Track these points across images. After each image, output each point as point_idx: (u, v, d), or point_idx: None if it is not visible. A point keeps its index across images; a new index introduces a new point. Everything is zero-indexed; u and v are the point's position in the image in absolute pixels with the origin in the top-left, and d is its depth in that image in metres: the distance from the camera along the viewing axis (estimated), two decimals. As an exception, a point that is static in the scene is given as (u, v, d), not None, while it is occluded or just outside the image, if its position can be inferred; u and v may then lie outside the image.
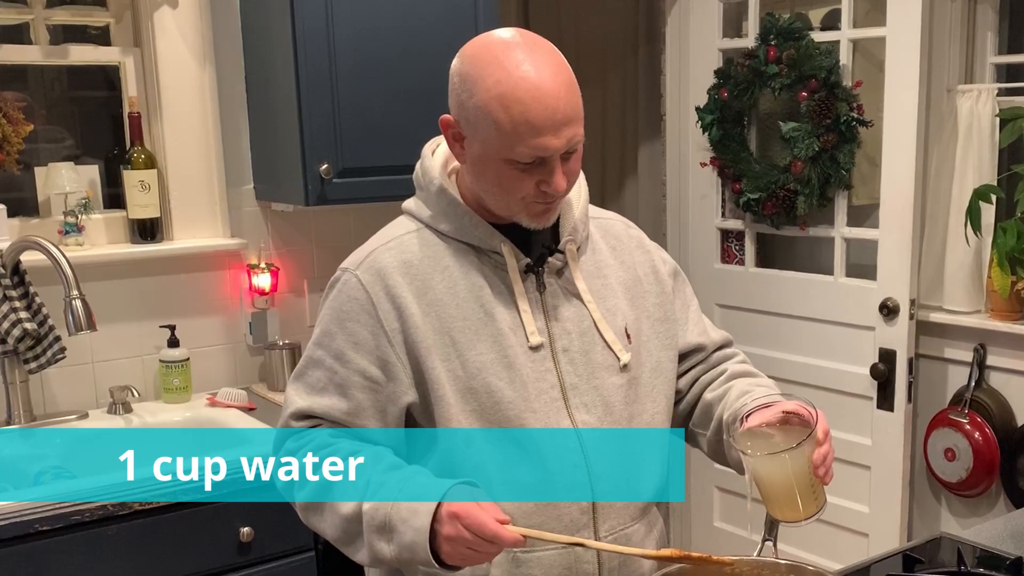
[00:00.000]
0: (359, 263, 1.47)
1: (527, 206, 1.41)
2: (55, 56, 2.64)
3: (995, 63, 2.97)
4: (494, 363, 1.42)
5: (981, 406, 2.93)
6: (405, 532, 1.32)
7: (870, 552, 2.91)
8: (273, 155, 2.73)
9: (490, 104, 1.34)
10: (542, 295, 1.48)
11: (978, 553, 1.71)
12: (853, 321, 3.07)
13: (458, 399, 1.42)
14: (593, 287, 1.52)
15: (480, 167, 1.41)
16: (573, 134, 1.36)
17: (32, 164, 2.63)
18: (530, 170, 1.37)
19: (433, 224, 1.48)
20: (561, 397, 1.46)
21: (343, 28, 2.51)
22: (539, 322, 1.46)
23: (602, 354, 1.49)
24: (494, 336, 1.43)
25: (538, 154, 1.35)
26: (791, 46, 3.05)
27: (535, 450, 1.43)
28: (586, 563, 1.46)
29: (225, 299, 2.83)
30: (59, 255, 2.31)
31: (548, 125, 1.33)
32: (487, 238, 1.46)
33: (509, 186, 1.39)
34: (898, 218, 2.89)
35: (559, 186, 1.37)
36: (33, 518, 1.96)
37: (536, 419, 1.43)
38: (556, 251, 1.49)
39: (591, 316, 1.49)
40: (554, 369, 1.46)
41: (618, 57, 4.04)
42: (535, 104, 1.32)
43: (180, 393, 2.65)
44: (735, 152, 3.30)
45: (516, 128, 1.33)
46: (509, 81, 1.33)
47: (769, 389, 1.56)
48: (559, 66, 1.36)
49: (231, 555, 2.20)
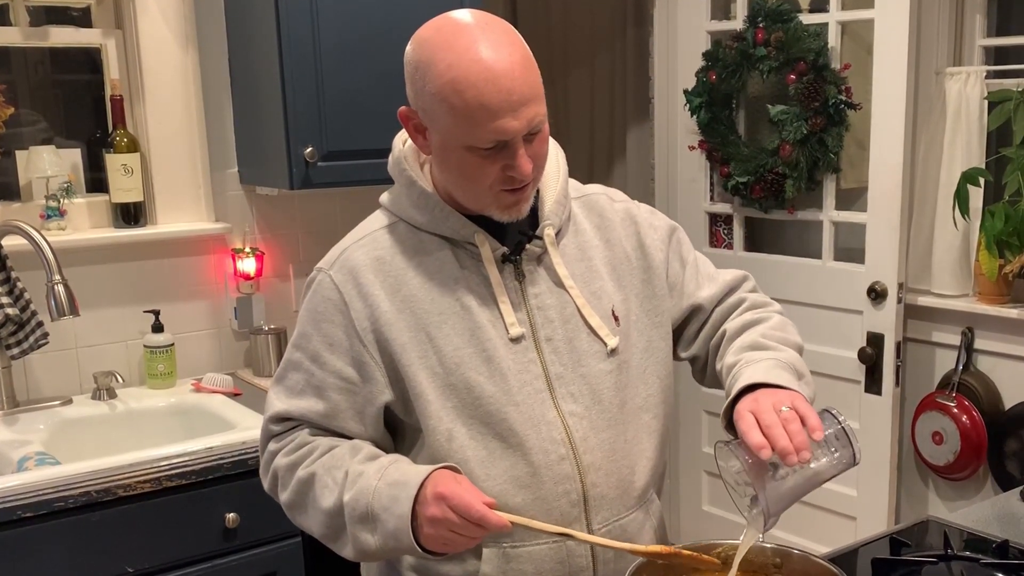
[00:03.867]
0: (332, 262, 1.45)
1: (497, 197, 1.37)
2: (35, 38, 2.61)
3: (984, 45, 2.96)
4: (472, 357, 1.39)
5: (969, 389, 2.93)
6: (388, 520, 1.30)
7: (858, 535, 2.92)
8: (257, 138, 2.70)
9: (444, 90, 1.29)
10: (522, 284, 1.44)
11: (965, 536, 1.71)
12: (841, 305, 3.06)
13: (438, 396, 1.39)
14: (577, 271, 1.48)
15: (443, 157, 1.37)
16: (533, 114, 1.31)
17: (13, 148, 2.60)
18: (493, 156, 1.32)
19: (407, 217, 1.45)
20: (546, 388, 1.42)
21: (327, 10, 2.49)
22: (519, 313, 1.43)
23: (588, 341, 1.45)
24: (472, 330, 1.40)
25: (498, 137, 1.30)
26: (779, 28, 3.03)
27: (518, 444, 1.40)
28: (579, 556, 1.44)
29: (210, 284, 2.81)
30: (41, 240, 2.29)
31: (505, 107, 1.28)
32: (460, 228, 1.42)
33: (473, 175, 1.35)
34: (886, 202, 2.88)
35: (524, 169, 1.33)
36: (16, 504, 1.95)
37: (519, 412, 1.40)
38: (534, 237, 1.45)
39: (574, 302, 1.45)
40: (538, 360, 1.43)
41: (606, 39, 4.02)
42: (489, 86, 1.27)
43: (165, 379, 2.64)
44: (723, 135, 3.29)
45: (472, 113, 1.28)
46: (460, 64, 1.28)
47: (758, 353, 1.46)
48: (513, 45, 1.31)
49: (216, 541, 2.19)
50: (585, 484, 1.42)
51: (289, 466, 1.43)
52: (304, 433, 1.44)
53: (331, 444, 1.42)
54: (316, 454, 1.41)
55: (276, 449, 1.46)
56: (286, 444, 1.45)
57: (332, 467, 1.38)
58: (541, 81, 1.34)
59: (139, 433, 2.44)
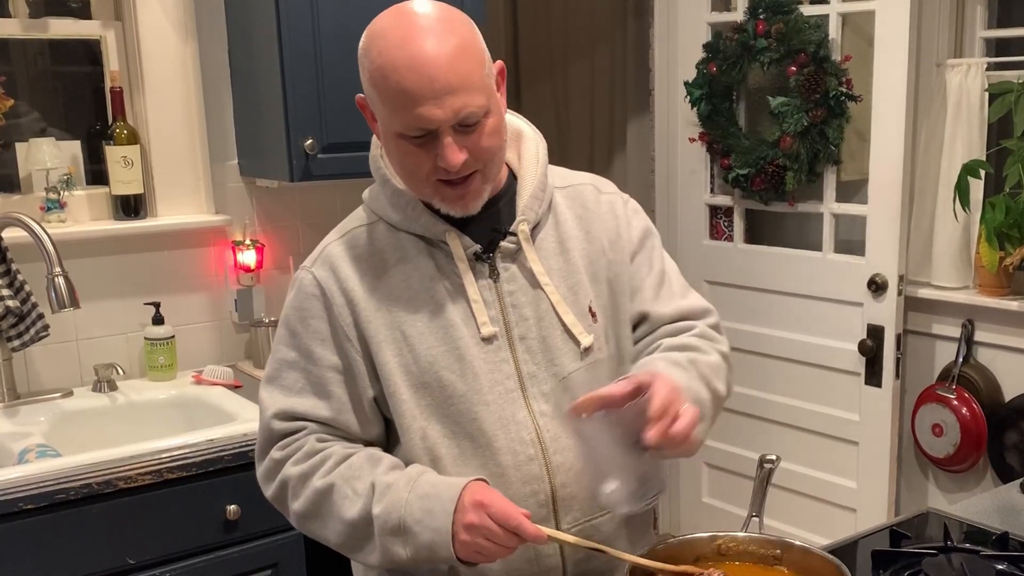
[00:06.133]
0: (315, 260, 1.45)
1: (436, 189, 1.35)
2: (34, 29, 2.60)
3: (984, 37, 2.96)
4: (445, 356, 1.39)
5: (969, 382, 2.94)
6: (421, 533, 1.30)
7: (858, 527, 2.92)
8: (257, 130, 2.70)
9: (374, 76, 1.30)
10: (496, 282, 1.42)
11: (965, 528, 1.71)
12: (841, 297, 3.06)
13: (412, 394, 1.39)
14: (554, 265, 1.45)
15: (385, 147, 1.37)
16: (461, 105, 1.28)
17: (13, 140, 2.60)
18: (425, 146, 1.31)
19: (384, 216, 1.44)
20: (518, 387, 1.41)
21: (327, 1, 2.48)
22: (492, 311, 1.41)
23: (562, 339, 1.43)
24: (445, 328, 1.39)
25: (420, 125, 1.28)
26: (780, 20, 3.03)
27: (487, 444, 1.39)
28: (548, 556, 1.42)
29: (210, 276, 2.81)
30: (41, 232, 2.29)
31: (426, 94, 1.26)
32: (432, 226, 1.41)
33: (408, 164, 1.34)
34: (887, 194, 2.88)
35: (450, 160, 1.30)
36: (17, 496, 1.95)
37: (489, 412, 1.39)
38: (508, 234, 1.43)
39: (549, 300, 1.43)
40: (511, 359, 1.41)
41: (606, 31, 4.01)
42: (410, 73, 1.26)
43: (165, 371, 2.64)
44: (724, 127, 3.28)
45: (395, 98, 1.28)
46: (388, 51, 1.28)
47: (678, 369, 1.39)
48: (448, 34, 1.29)
49: (217, 533, 2.19)
50: (554, 484, 1.41)
51: (302, 475, 1.40)
52: (312, 440, 1.42)
53: (345, 453, 1.40)
54: (331, 463, 1.39)
55: (282, 457, 1.43)
56: (294, 452, 1.42)
57: (351, 477, 1.37)
58: (486, 74, 1.32)
59: (140, 425, 2.44)
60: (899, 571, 1.52)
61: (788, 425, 3.29)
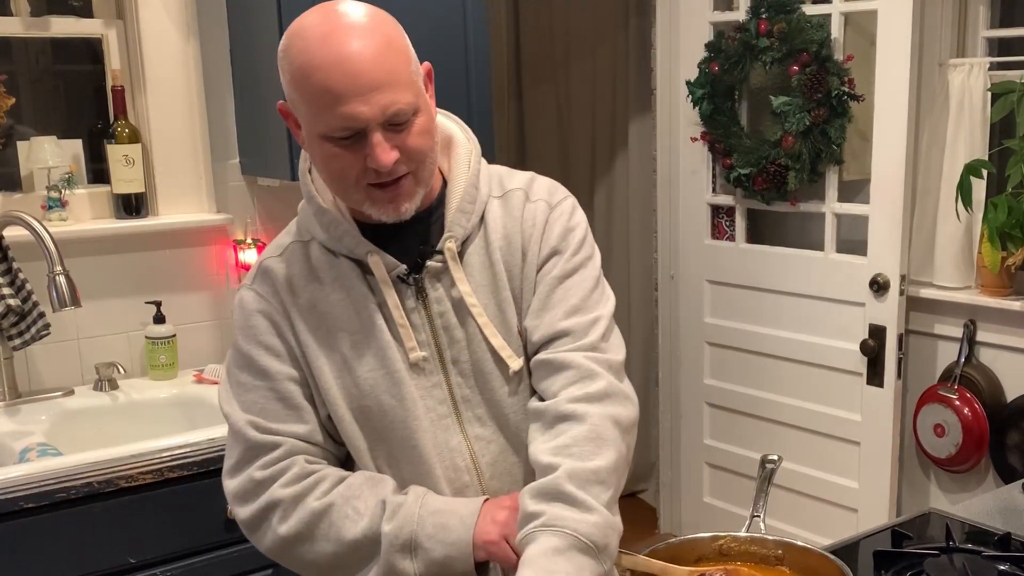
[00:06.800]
0: (253, 277, 1.40)
1: (367, 194, 1.28)
2: (36, 28, 2.60)
3: (987, 37, 2.96)
4: (383, 379, 1.34)
5: (971, 382, 2.93)
6: (434, 548, 1.30)
7: (859, 527, 2.92)
8: (259, 129, 2.70)
9: (295, 76, 1.24)
10: (426, 304, 1.36)
11: (966, 528, 1.71)
12: (843, 297, 3.06)
13: (353, 418, 1.36)
14: (483, 282, 1.37)
15: (311, 152, 1.30)
16: (389, 102, 1.22)
17: (15, 138, 2.60)
18: (352, 147, 1.24)
19: (315, 234, 1.38)
20: (452, 412, 1.37)
21: (329, 0, 2.48)
22: (422, 335, 1.35)
23: (491, 363, 1.37)
24: (380, 352, 1.34)
25: (347, 124, 1.22)
26: (782, 19, 3.03)
27: (428, 472, 1.36)
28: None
29: (211, 275, 2.80)
30: (42, 230, 2.28)
31: (352, 91, 1.20)
32: (355, 247, 1.34)
33: (335, 168, 1.27)
34: (889, 193, 2.88)
35: (380, 160, 1.23)
36: (18, 495, 1.94)
37: (425, 439, 1.35)
38: (436, 252, 1.36)
39: (476, 322, 1.36)
40: (444, 383, 1.37)
41: (608, 30, 4.01)
42: (334, 69, 1.20)
43: (166, 370, 2.63)
44: (726, 127, 3.28)
45: (319, 98, 1.22)
46: (309, 49, 1.22)
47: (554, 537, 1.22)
48: (371, 30, 1.24)
49: (218, 532, 2.19)
50: None
51: (295, 496, 1.34)
52: (301, 462, 1.36)
53: (341, 474, 1.37)
54: (327, 484, 1.35)
55: (265, 477, 1.35)
56: (280, 473, 1.35)
57: (351, 497, 1.34)
58: (413, 71, 1.28)
59: (141, 424, 2.43)
60: (901, 571, 1.52)
61: (790, 425, 3.29)
